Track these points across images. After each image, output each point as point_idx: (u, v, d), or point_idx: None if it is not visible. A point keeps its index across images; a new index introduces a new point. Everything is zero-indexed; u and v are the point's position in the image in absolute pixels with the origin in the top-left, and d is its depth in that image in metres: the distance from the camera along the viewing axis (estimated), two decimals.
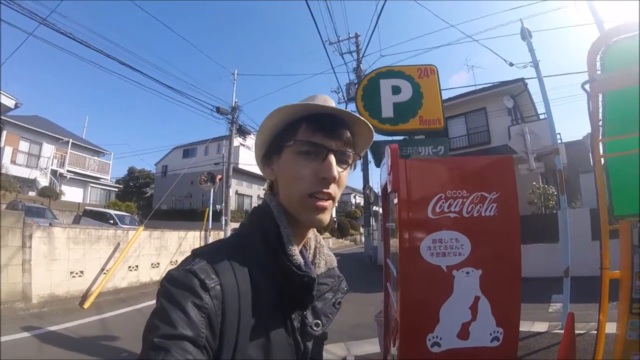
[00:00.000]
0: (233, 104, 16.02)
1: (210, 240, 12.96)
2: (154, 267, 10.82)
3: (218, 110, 15.31)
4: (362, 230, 36.09)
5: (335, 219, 34.84)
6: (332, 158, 0.74)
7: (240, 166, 26.21)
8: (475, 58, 74.96)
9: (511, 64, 7.86)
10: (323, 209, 0.74)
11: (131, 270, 9.82)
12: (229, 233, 13.83)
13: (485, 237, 2.15)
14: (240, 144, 29.07)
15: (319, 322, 0.78)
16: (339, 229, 33.21)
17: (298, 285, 0.71)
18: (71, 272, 8.06)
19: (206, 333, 0.58)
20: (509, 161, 2.32)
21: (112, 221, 15.45)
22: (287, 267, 0.71)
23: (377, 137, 5.30)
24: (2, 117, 20.55)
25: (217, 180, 15.29)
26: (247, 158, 29.68)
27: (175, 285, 0.61)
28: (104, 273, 8.76)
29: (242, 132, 16.87)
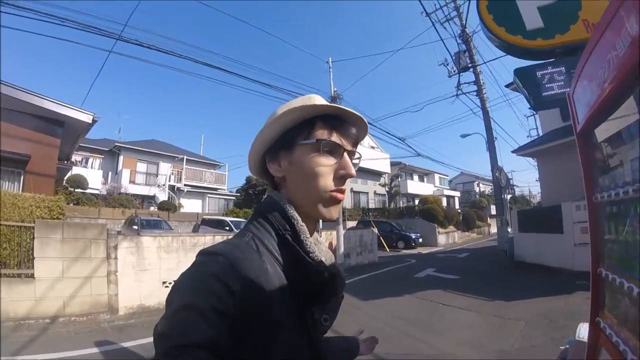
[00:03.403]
0: (332, 94, 14.90)
1: (323, 240, 12.32)
2: None
3: None
4: (490, 221, 33.82)
5: (459, 210, 32.12)
6: (347, 156, 0.79)
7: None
8: None
9: None
10: (339, 204, 0.80)
11: None
12: (342, 232, 12.96)
13: None
14: None
15: (327, 317, 0.79)
16: (464, 221, 30.42)
17: (321, 281, 0.73)
18: (163, 282, 7.75)
19: (226, 338, 0.57)
20: None
21: (227, 228, 15.85)
22: (308, 264, 0.72)
23: (523, 62, 3.72)
24: (117, 144, 25.52)
25: None
26: (360, 153, 28.99)
27: (195, 288, 0.60)
28: None
29: None
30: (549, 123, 13.89)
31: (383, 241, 18.49)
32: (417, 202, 31.86)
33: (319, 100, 0.82)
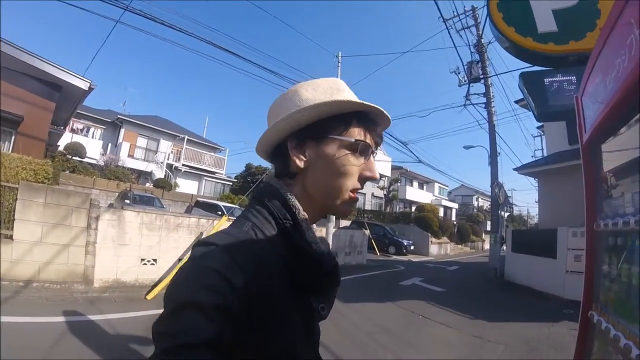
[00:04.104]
0: None
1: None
2: None
3: None
4: (484, 236, 33.67)
5: (455, 222, 31.90)
6: (372, 159, 0.80)
7: None
8: None
9: None
10: (355, 204, 0.82)
11: None
12: (332, 230, 12.90)
13: None
14: None
15: (324, 306, 0.79)
16: (458, 234, 30.30)
17: (321, 272, 0.73)
18: (142, 260, 7.62)
19: (230, 335, 0.55)
20: None
21: (220, 212, 15.67)
22: (309, 255, 0.71)
23: (530, 67, 3.51)
24: (120, 116, 25.51)
25: None
26: None
27: (195, 285, 0.57)
28: (180, 262, 8.17)
29: None
30: (555, 144, 13.67)
31: (374, 244, 18.35)
32: (413, 208, 31.75)
33: (346, 87, 0.81)
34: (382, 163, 32.05)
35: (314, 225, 0.82)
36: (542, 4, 3.02)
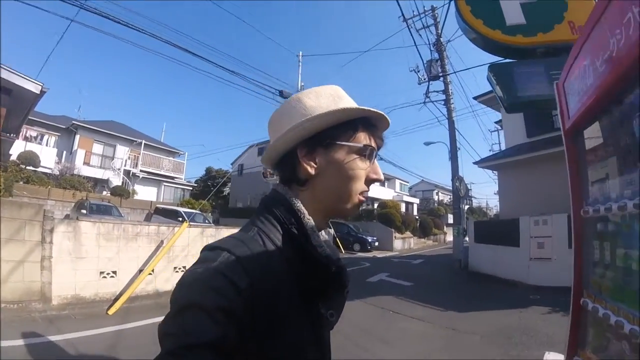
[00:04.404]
0: (299, 88, 14.52)
1: None
2: None
3: (281, 93, 13.93)
4: (446, 229, 34.57)
5: (417, 217, 32.68)
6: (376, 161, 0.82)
7: None
8: None
9: None
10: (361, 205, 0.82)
11: (177, 271, 8.71)
12: None
13: None
14: None
15: (333, 312, 0.78)
16: (421, 228, 31.23)
17: (327, 276, 0.73)
18: (101, 272, 7.18)
19: (234, 337, 0.57)
20: None
21: (180, 219, 15.35)
22: (315, 259, 0.72)
23: (500, 59, 3.54)
24: (75, 122, 24.23)
25: None
26: None
27: (200, 286, 0.59)
28: (146, 275, 7.82)
29: None
30: (513, 138, 14.13)
31: (339, 242, 18.42)
32: (376, 205, 32.12)
33: (345, 94, 0.83)
34: None
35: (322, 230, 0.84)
36: None
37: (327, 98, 0.79)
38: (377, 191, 37.43)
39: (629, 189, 1.35)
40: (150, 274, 7.73)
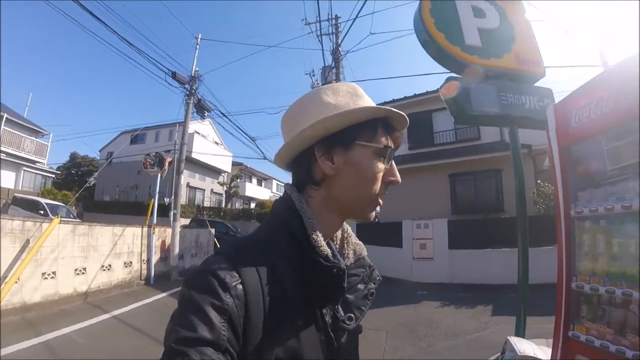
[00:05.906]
0: (193, 72, 13.59)
1: (155, 238, 11.10)
2: (78, 273, 8.18)
3: (174, 75, 12.55)
4: None
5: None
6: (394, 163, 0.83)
7: (193, 155, 24.75)
8: None
9: None
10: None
11: (46, 278, 7.34)
12: (178, 230, 12.04)
13: None
14: (195, 131, 27.00)
15: (352, 315, 0.77)
16: None
17: (327, 277, 0.70)
18: None
19: (228, 335, 0.58)
20: None
21: (42, 212, 13.63)
22: (314, 259, 0.70)
23: (453, 74, 3.88)
24: None
25: (166, 165, 12.61)
26: (202, 147, 27.67)
27: (194, 288, 0.61)
28: (5, 282, 6.32)
29: (202, 107, 14.29)
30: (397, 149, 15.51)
31: (217, 243, 18.02)
32: (253, 205, 32.05)
33: (363, 92, 0.82)
34: (222, 158, 31.59)
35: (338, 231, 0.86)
36: (470, 21, 3.48)
37: (345, 96, 0.78)
38: (254, 190, 37.47)
39: (614, 196, 1.82)
40: (16, 282, 6.41)
